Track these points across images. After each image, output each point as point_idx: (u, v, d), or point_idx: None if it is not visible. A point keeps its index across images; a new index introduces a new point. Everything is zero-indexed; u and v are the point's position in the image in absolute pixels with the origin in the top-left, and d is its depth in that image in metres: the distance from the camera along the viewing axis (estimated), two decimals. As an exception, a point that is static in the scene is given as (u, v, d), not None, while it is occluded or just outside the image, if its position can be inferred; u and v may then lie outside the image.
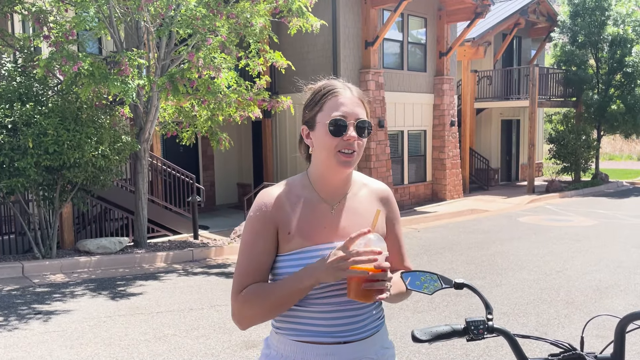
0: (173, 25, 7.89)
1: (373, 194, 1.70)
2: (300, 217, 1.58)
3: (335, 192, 1.63)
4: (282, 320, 1.60)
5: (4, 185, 7.54)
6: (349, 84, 1.63)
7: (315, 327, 1.56)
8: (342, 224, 1.60)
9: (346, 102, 1.55)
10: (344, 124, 1.52)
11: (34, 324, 5.61)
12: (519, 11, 17.68)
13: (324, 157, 1.56)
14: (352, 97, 1.57)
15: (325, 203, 1.61)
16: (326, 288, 1.54)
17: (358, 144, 1.55)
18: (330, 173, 1.58)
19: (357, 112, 1.55)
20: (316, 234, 1.57)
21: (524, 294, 6.48)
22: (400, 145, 14.57)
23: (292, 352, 1.58)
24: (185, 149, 13.40)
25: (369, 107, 1.64)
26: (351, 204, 1.64)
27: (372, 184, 1.72)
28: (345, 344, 1.56)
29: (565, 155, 17.78)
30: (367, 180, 1.73)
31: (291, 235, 1.56)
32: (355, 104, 1.56)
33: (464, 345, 4.77)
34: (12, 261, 8.00)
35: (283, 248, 1.57)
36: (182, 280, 7.49)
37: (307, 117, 1.60)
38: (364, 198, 1.67)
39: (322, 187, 1.62)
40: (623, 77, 17.81)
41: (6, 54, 8.53)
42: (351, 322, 1.57)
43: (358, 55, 13.06)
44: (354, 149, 1.54)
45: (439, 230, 11.30)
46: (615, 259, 8.21)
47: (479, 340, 1.54)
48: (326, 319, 1.55)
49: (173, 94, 8.09)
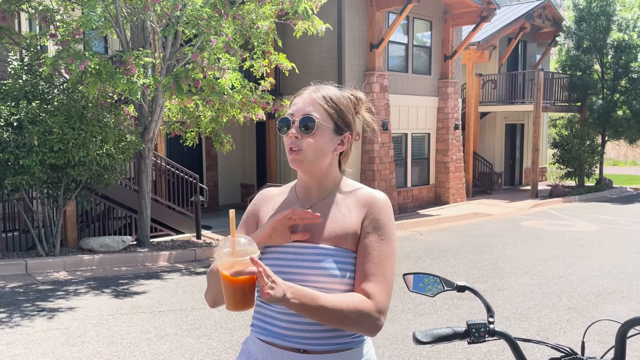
0: (179, 25, 7.93)
1: (357, 202, 1.57)
2: (273, 214, 1.62)
3: (309, 194, 1.61)
4: (254, 317, 1.61)
5: (8, 182, 7.57)
6: (324, 85, 1.60)
7: (275, 327, 1.52)
8: (315, 227, 1.54)
9: (299, 101, 1.56)
10: (287, 122, 1.54)
11: (36, 321, 5.63)
12: (524, 15, 17.67)
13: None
14: (308, 96, 1.55)
15: (299, 204, 1.61)
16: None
17: (308, 142, 1.51)
18: (297, 172, 1.61)
19: (305, 111, 1.53)
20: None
21: (526, 298, 6.47)
22: (404, 147, 14.57)
23: (256, 351, 1.57)
24: (189, 149, 13.43)
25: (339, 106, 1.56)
26: (325, 208, 1.57)
27: (363, 193, 1.59)
28: (304, 353, 1.49)
29: (569, 160, 17.75)
30: (362, 190, 1.60)
31: None
32: (308, 103, 1.54)
33: (465, 349, 4.77)
34: (16, 258, 8.03)
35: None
36: (184, 280, 7.51)
37: None
38: (344, 206, 1.57)
39: (299, 188, 1.65)
40: (628, 83, 17.78)
41: (13, 52, 8.58)
42: (308, 329, 1.48)
43: (363, 57, 13.08)
44: (296, 147, 1.52)
45: (442, 233, 11.29)
46: (618, 265, 8.19)
47: (480, 343, 1.55)
48: (286, 321, 1.50)
49: (177, 93, 8.12)
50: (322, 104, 1.55)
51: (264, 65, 9.33)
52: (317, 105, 1.54)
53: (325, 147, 1.54)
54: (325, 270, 1.48)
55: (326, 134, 1.54)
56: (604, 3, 17.26)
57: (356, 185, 1.64)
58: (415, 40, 14.52)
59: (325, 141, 1.54)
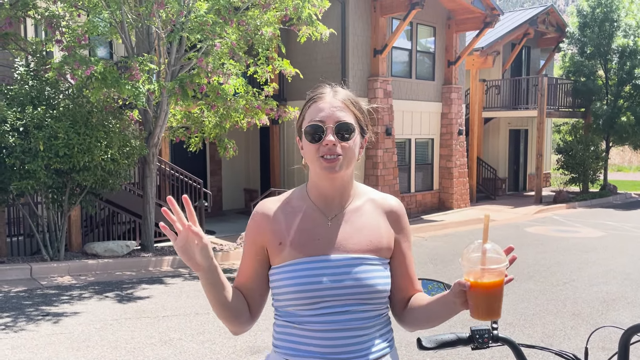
0: (184, 31, 7.97)
1: (379, 208, 1.58)
2: (293, 227, 1.51)
3: (332, 203, 1.54)
4: (280, 339, 1.53)
5: (14, 187, 7.61)
6: (339, 87, 1.57)
7: (311, 347, 1.46)
8: (339, 237, 1.50)
9: (325, 106, 1.49)
10: (320, 129, 1.46)
11: (41, 325, 5.65)
12: (528, 21, 17.69)
13: (310, 165, 1.51)
14: (332, 100, 1.50)
15: (321, 214, 1.53)
16: (319, 305, 1.45)
17: (343, 147, 1.46)
18: (321, 181, 1.52)
19: (338, 116, 1.47)
20: (309, 246, 1.49)
21: (530, 304, 6.46)
22: (408, 153, 14.58)
23: None
24: (193, 154, 13.42)
25: (361, 108, 1.55)
26: (351, 217, 1.54)
27: (380, 199, 1.61)
28: None
29: (573, 166, 17.71)
30: (375, 194, 1.62)
31: (282, 246, 1.50)
32: (335, 108, 1.48)
33: (469, 355, 4.76)
34: (21, 263, 8.07)
35: (275, 260, 1.51)
36: (188, 285, 7.52)
37: (297, 127, 1.57)
38: (367, 212, 1.56)
39: (317, 197, 1.55)
40: (633, 89, 17.75)
41: (19, 58, 8.64)
42: (349, 342, 1.45)
43: (367, 63, 13.11)
44: (336, 153, 1.45)
45: (446, 239, 11.28)
46: (623, 271, 8.17)
47: (483, 349, 1.56)
48: (322, 339, 1.45)
49: (182, 98, 8.16)
50: (350, 107, 1.52)
51: (268, 72, 9.36)
52: (346, 109, 1.50)
53: (356, 151, 1.51)
54: (374, 280, 1.49)
55: (357, 138, 1.51)
56: (608, 9, 17.26)
57: (366, 188, 1.63)
58: (419, 45, 14.55)
59: (356, 145, 1.51)
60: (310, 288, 1.44)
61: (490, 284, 1.27)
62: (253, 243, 1.55)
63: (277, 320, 1.55)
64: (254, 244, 1.55)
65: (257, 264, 1.55)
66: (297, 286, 1.45)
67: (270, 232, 1.53)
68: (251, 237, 1.56)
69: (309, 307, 1.45)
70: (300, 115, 1.56)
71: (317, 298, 1.45)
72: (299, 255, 1.48)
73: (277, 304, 1.54)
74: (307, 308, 1.46)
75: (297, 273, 1.46)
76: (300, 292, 1.45)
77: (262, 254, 1.54)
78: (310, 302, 1.45)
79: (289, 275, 1.47)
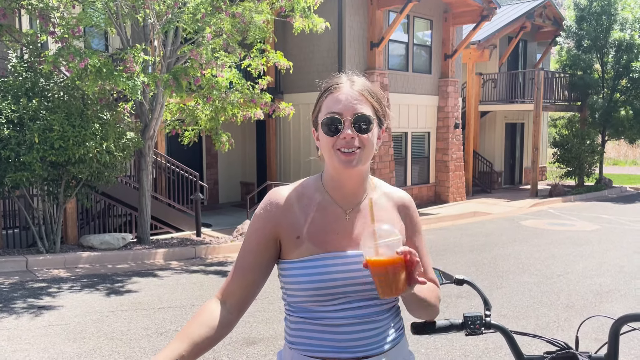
0: (179, 22, 7.93)
1: (392, 202, 1.58)
2: (311, 220, 1.48)
3: (349, 196, 1.51)
4: (295, 335, 1.50)
5: (9, 179, 7.59)
6: (355, 76, 1.50)
7: (328, 342, 1.45)
8: (356, 231, 1.48)
9: (342, 98, 1.43)
10: (338, 122, 1.41)
11: (37, 317, 5.65)
12: (525, 14, 17.67)
13: (327, 158, 1.46)
14: (350, 91, 1.44)
15: (338, 207, 1.50)
16: (336, 301, 1.45)
17: (362, 139, 1.42)
18: (338, 174, 1.47)
19: (355, 108, 1.42)
20: (328, 241, 1.46)
21: (524, 297, 6.50)
22: (404, 146, 14.59)
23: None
24: (189, 147, 13.40)
25: (378, 98, 1.50)
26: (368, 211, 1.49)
27: (393, 193, 1.60)
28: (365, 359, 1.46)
29: (569, 160, 17.76)
30: (388, 188, 1.60)
31: (300, 240, 1.46)
32: (353, 99, 1.43)
33: (463, 346, 4.79)
34: (17, 255, 8.06)
35: (291, 254, 1.47)
36: (184, 277, 7.53)
37: (313, 118, 1.52)
38: (383, 207, 1.55)
39: (334, 190, 1.50)
40: (629, 83, 17.79)
41: (13, 49, 8.59)
42: (367, 335, 1.46)
43: (363, 56, 13.09)
44: (354, 146, 1.41)
45: (441, 232, 11.31)
46: (617, 264, 8.21)
47: (477, 336, 1.57)
48: (339, 334, 1.44)
49: (177, 90, 8.13)
50: (368, 97, 1.46)
51: (262, 64, 9.33)
52: (364, 100, 1.45)
53: (374, 143, 1.47)
54: None
55: (375, 130, 1.47)
56: (605, 3, 17.26)
57: (379, 182, 1.62)
58: (415, 39, 14.53)
59: (375, 137, 1.47)
60: (329, 285, 1.43)
61: (387, 260, 1.29)
62: (262, 234, 1.49)
63: (291, 316, 1.52)
64: (263, 235, 1.49)
65: (264, 255, 1.49)
66: (315, 283, 1.43)
67: (286, 224, 1.48)
68: (261, 227, 1.50)
69: (326, 304, 1.45)
70: (316, 105, 1.50)
71: (335, 295, 1.44)
72: (318, 250, 1.45)
73: (290, 299, 1.50)
74: (324, 304, 1.45)
75: (316, 270, 1.43)
76: (318, 288, 1.43)
77: (273, 246, 1.49)
78: (328, 299, 1.44)
79: (307, 272, 1.44)
